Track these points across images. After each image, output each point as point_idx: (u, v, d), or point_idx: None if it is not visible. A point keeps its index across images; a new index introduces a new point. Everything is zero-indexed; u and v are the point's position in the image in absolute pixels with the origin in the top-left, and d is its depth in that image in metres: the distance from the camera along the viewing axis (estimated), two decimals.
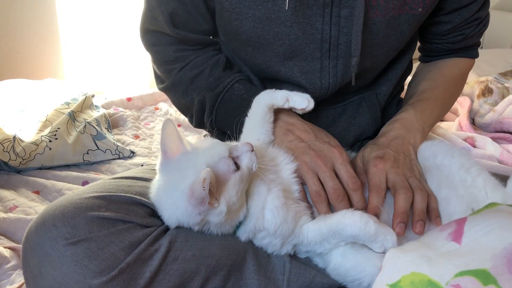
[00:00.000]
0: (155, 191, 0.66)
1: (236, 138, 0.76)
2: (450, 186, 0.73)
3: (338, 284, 0.71)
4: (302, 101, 0.73)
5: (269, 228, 0.66)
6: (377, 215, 0.68)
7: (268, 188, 0.67)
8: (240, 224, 0.67)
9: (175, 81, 0.87)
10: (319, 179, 0.71)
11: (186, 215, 0.62)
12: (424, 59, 1.01)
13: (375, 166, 0.73)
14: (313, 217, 0.70)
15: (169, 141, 0.65)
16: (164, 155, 0.65)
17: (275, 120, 0.76)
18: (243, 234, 0.68)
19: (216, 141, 0.66)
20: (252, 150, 0.64)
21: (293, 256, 0.72)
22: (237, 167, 0.63)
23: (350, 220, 0.64)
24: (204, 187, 0.57)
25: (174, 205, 0.63)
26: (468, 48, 0.96)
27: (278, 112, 0.76)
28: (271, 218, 0.66)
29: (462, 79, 0.99)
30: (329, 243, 0.68)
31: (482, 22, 0.90)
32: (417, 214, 0.68)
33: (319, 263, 0.72)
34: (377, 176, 0.72)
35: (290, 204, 0.67)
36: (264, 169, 0.65)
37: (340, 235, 0.66)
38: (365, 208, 0.70)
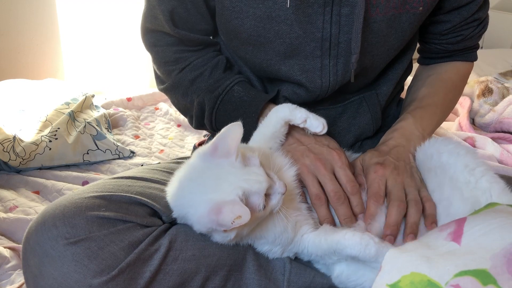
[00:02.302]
0: (185, 174, 0.64)
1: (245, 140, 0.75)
2: (454, 187, 0.72)
3: None
4: (318, 125, 0.73)
5: (268, 236, 0.66)
6: (373, 218, 0.69)
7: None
8: None
9: (175, 82, 0.87)
10: (319, 182, 0.71)
11: (195, 219, 0.62)
12: (423, 61, 1.01)
13: (375, 172, 0.73)
14: (315, 225, 0.70)
15: (227, 142, 0.61)
16: (213, 150, 0.62)
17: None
18: (241, 240, 0.68)
19: (262, 171, 0.61)
20: (284, 193, 0.63)
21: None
22: (264, 205, 0.61)
23: (350, 242, 0.64)
24: (233, 222, 0.55)
25: (192, 202, 0.61)
26: (467, 51, 0.95)
27: None
28: (271, 226, 0.65)
29: (461, 83, 0.99)
30: (330, 259, 0.68)
31: (481, 23, 0.90)
32: (409, 227, 0.69)
33: (321, 269, 0.72)
34: (376, 182, 0.72)
35: (291, 213, 0.67)
36: (283, 212, 0.63)
37: (339, 254, 0.66)
38: (363, 212, 0.71)
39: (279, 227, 0.65)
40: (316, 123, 0.73)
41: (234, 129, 0.61)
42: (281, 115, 0.73)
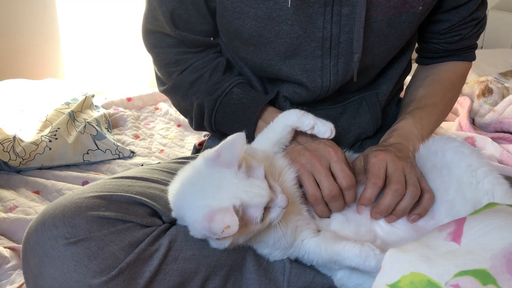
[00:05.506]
0: (188, 176, 0.63)
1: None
2: (457, 187, 0.71)
3: None
4: (326, 131, 0.73)
5: (268, 240, 0.66)
6: (369, 202, 0.70)
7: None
8: None
9: (175, 84, 0.87)
10: (316, 180, 0.71)
11: (191, 223, 0.62)
12: (421, 60, 1.01)
13: (375, 156, 0.73)
14: (315, 229, 0.70)
15: (229, 152, 0.60)
16: (216, 157, 0.61)
17: None
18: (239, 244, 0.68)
19: (265, 185, 0.61)
20: (285, 208, 0.62)
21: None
22: (262, 218, 0.60)
23: (350, 254, 0.64)
24: (223, 231, 0.55)
25: (190, 205, 0.61)
26: (465, 50, 0.96)
27: None
28: (270, 231, 0.65)
29: (459, 83, 0.99)
30: (331, 267, 0.68)
31: (479, 23, 0.91)
32: (396, 211, 0.71)
33: (323, 270, 0.72)
34: (376, 165, 0.72)
35: (291, 218, 0.67)
36: (281, 224, 0.63)
37: (340, 265, 0.66)
38: (354, 201, 0.72)
39: (278, 232, 0.64)
40: (324, 129, 0.73)
41: (237, 140, 0.60)
42: (288, 122, 0.73)
